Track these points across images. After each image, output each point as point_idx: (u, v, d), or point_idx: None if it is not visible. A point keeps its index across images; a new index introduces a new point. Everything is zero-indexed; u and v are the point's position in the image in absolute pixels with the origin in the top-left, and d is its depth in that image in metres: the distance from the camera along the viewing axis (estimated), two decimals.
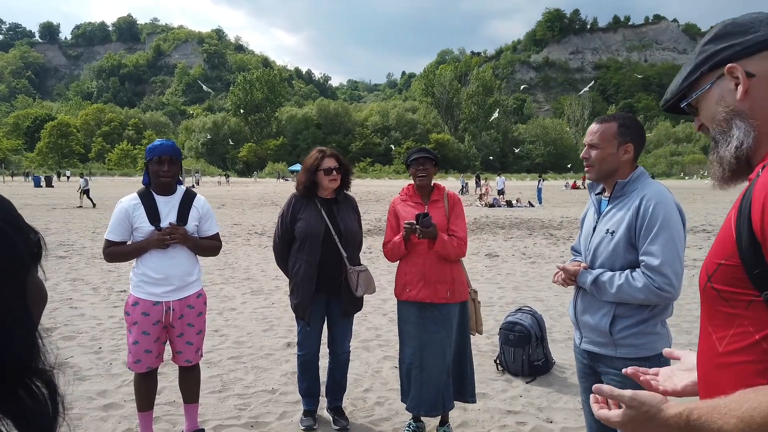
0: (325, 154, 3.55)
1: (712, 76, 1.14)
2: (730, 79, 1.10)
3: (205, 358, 4.84)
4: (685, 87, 1.20)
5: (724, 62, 1.10)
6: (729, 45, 1.10)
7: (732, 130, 1.10)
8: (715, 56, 1.12)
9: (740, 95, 1.08)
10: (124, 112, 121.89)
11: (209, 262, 9.79)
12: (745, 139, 1.08)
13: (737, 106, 1.09)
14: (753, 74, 1.07)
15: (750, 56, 1.08)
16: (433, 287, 3.30)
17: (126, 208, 3.14)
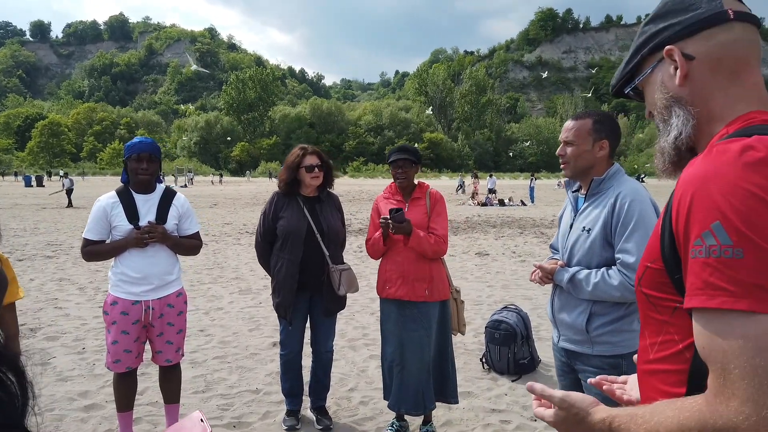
0: (306, 152, 3.53)
1: (653, 59, 1.05)
2: (670, 63, 1.00)
3: (189, 358, 4.82)
4: (628, 72, 1.11)
5: (663, 44, 1.01)
6: (668, 25, 1.01)
7: (671, 119, 1.02)
8: (654, 38, 1.03)
9: (678, 80, 0.99)
10: (116, 111, 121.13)
11: (198, 261, 9.76)
12: (684, 128, 1.00)
13: (676, 92, 1.01)
14: (692, 57, 0.98)
15: (690, 37, 0.98)
16: (411, 285, 3.28)
17: (104, 206, 3.11)
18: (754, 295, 0.75)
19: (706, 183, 0.83)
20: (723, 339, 0.77)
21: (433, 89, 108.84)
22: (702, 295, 0.80)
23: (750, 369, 0.74)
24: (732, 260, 0.77)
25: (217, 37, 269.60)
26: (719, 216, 0.79)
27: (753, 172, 0.79)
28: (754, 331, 0.74)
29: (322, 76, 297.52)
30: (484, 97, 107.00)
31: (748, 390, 0.74)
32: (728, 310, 0.77)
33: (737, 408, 0.74)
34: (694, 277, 0.82)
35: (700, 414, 0.78)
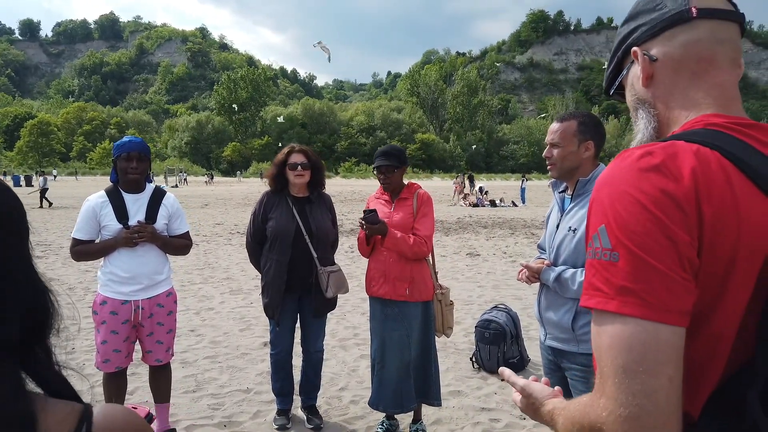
0: (293, 150, 3.55)
1: (627, 61, 1.05)
2: (638, 64, 1.00)
3: (180, 358, 4.82)
4: (611, 73, 1.11)
5: (632, 46, 1.01)
6: (638, 26, 1.00)
7: (638, 121, 1.02)
8: (626, 39, 1.03)
9: (642, 81, 0.99)
10: (107, 111, 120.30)
11: (189, 261, 9.73)
12: (645, 131, 1.00)
13: (641, 95, 1.01)
14: (655, 58, 0.97)
15: (654, 38, 0.97)
16: (392, 284, 3.30)
17: (93, 206, 3.10)
18: (622, 298, 0.77)
19: (603, 187, 0.85)
20: (598, 337, 0.80)
21: (425, 90, 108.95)
22: (585, 294, 0.84)
23: (613, 368, 0.77)
24: (609, 263, 0.80)
25: (208, 37, 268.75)
26: (605, 220, 0.82)
27: (644, 178, 0.80)
28: (620, 332, 0.77)
29: (314, 77, 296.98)
30: (476, 98, 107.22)
31: (611, 388, 0.76)
32: (602, 310, 0.80)
33: (604, 404, 0.77)
34: (585, 277, 0.86)
35: (583, 408, 0.83)
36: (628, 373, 0.75)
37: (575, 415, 0.84)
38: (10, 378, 0.63)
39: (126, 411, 0.73)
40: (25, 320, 0.67)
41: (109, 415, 0.70)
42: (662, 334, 0.75)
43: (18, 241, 0.70)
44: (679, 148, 0.82)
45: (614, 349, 0.77)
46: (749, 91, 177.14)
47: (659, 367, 0.74)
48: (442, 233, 14.78)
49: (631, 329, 0.76)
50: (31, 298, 0.70)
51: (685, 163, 0.80)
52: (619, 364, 0.76)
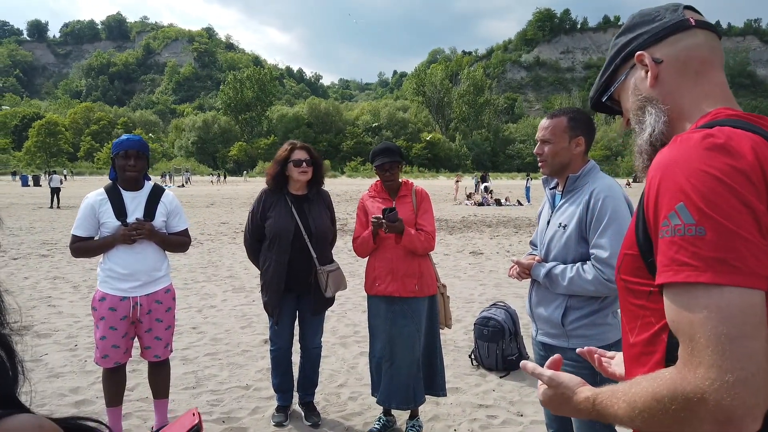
0: (295, 146, 3.56)
1: (625, 67, 1.16)
2: (641, 68, 1.11)
3: (181, 355, 4.86)
4: (604, 82, 1.21)
5: (634, 52, 1.12)
6: (638, 35, 1.12)
7: (645, 118, 1.10)
8: (625, 47, 1.14)
9: (650, 81, 1.09)
10: (114, 111, 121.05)
11: (193, 260, 9.79)
12: (656, 125, 1.08)
13: (648, 93, 1.10)
14: (661, 60, 1.08)
15: (657, 43, 1.09)
16: (401, 281, 3.32)
17: (92, 203, 3.14)
18: (715, 269, 0.80)
19: (670, 168, 0.90)
20: (689, 311, 0.82)
21: (431, 89, 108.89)
22: (669, 271, 0.85)
23: (714, 337, 0.79)
24: (695, 237, 0.83)
25: (214, 37, 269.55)
26: (683, 197, 0.85)
27: (712, 156, 0.86)
28: (717, 301, 0.80)
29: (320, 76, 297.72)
30: (482, 98, 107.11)
31: (712, 357, 0.79)
32: (693, 283, 0.82)
33: (704, 374, 0.79)
34: (662, 255, 0.88)
35: (671, 382, 0.83)
36: (731, 339, 0.78)
37: (659, 391, 0.84)
38: None
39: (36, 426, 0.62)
40: None
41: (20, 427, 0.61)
42: (756, 298, 0.80)
43: None
44: (731, 131, 0.90)
45: (713, 319, 0.79)
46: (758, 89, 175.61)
47: (757, 330, 0.79)
48: (446, 232, 14.79)
49: (729, 297, 0.79)
50: None
51: (743, 143, 0.87)
52: (721, 331, 0.78)
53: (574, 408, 1.04)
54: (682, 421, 0.82)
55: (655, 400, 0.85)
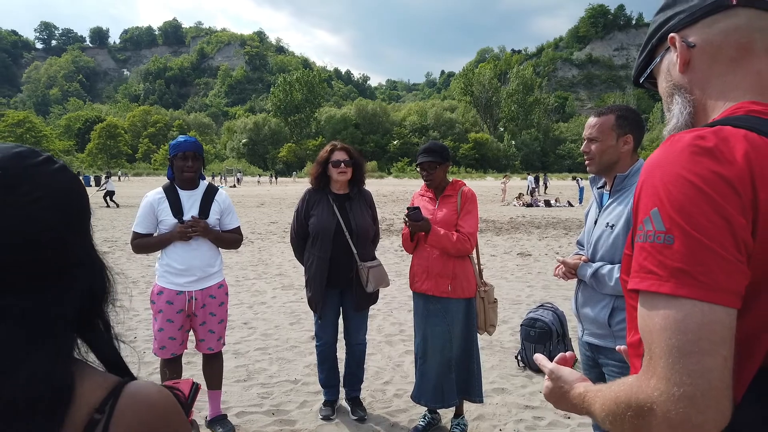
0: (335, 147, 3.66)
1: (661, 48, 1.06)
2: (674, 51, 1.02)
3: (232, 349, 5.03)
4: (642, 61, 1.12)
5: (668, 32, 1.03)
6: (675, 13, 1.02)
7: (672, 106, 1.03)
8: (662, 26, 1.05)
9: (679, 67, 1.01)
10: (169, 114, 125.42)
11: (244, 258, 10.08)
12: (680, 116, 1.01)
13: (678, 80, 1.02)
14: (693, 44, 0.98)
15: (692, 24, 0.99)
16: (434, 280, 3.34)
17: (151, 201, 3.31)
18: (678, 280, 0.78)
19: (654, 170, 0.86)
20: (650, 319, 0.81)
21: (479, 89, 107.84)
22: (636, 278, 0.84)
23: (666, 349, 0.77)
24: (663, 245, 0.80)
25: (265, 40, 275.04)
26: (658, 203, 0.83)
27: (696, 161, 0.81)
28: (675, 313, 0.77)
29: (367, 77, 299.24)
30: (532, 97, 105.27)
31: (663, 369, 0.77)
32: (655, 292, 0.80)
33: (655, 385, 0.78)
34: (635, 261, 0.86)
35: (630, 389, 0.83)
36: (683, 353, 0.76)
37: (620, 396, 0.85)
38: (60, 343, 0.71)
39: (158, 391, 0.77)
40: (85, 295, 0.75)
41: (137, 392, 0.74)
42: (718, 314, 0.76)
43: (79, 226, 0.77)
44: (729, 133, 0.84)
45: (668, 330, 0.77)
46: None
47: (715, 347, 0.75)
48: (493, 233, 14.66)
49: (687, 310, 0.77)
50: (94, 274, 0.78)
51: (737, 147, 0.81)
52: (674, 344, 0.77)
53: (570, 403, 1.03)
54: (637, 429, 0.81)
55: (616, 404, 0.85)
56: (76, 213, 0.77)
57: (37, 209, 0.70)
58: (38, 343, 0.68)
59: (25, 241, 0.69)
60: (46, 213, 0.71)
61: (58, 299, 0.72)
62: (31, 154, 0.74)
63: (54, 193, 0.73)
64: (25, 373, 0.65)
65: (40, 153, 0.76)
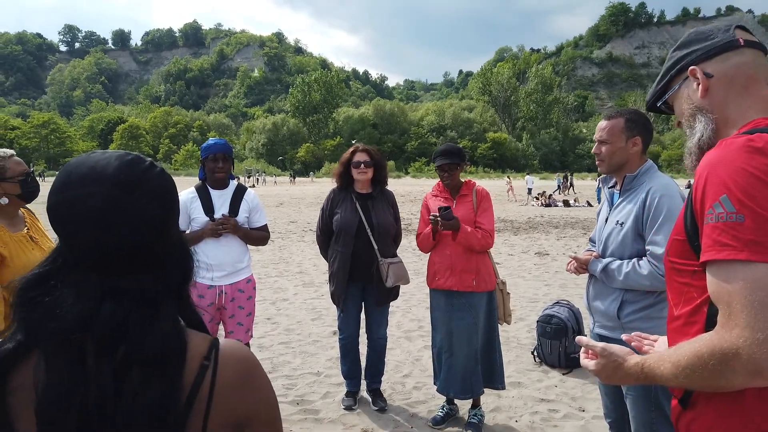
0: (357, 149, 3.84)
1: (679, 78, 1.32)
2: (693, 80, 1.27)
3: (257, 343, 5.22)
4: (659, 89, 1.39)
5: (688, 66, 1.28)
6: (692, 51, 1.28)
7: (695, 124, 1.27)
8: (681, 61, 1.31)
9: (701, 93, 1.25)
10: (190, 115, 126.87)
11: (265, 256, 10.30)
12: (705, 131, 1.25)
13: (699, 103, 1.26)
14: (711, 75, 1.24)
15: (709, 59, 1.25)
16: (459, 276, 3.49)
17: (184, 200, 3.50)
18: (751, 249, 0.98)
19: (716, 166, 1.08)
20: (728, 283, 1.00)
21: (497, 88, 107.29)
22: (712, 251, 1.04)
23: (748, 303, 0.96)
24: (735, 223, 1.01)
25: (284, 41, 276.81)
26: (726, 190, 1.03)
27: (752, 157, 1.04)
28: (752, 274, 0.97)
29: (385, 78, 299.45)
30: (551, 96, 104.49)
31: (746, 319, 0.96)
32: (732, 260, 1.00)
33: (739, 333, 0.97)
34: (707, 238, 1.06)
35: (710, 342, 1.02)
36: (764, 305, 0.95)
37: (700, 349, 1.03)
38: (173, 314, 0.89)
39: (245, 347, 0.95)
40: (182, 273, 0.93)
41: (233, 346, 0.93)
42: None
43: (176, 218, 0.96)
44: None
45: (748, 288, 0.97)
46: None
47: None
48: (510, 232, 14.72)
49: (762, 271, 0.97)
50: (185, 256, 0.95)
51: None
52: (756, 298, 0.96)
53: (624, 373, 1.22)
54: (719, 375, 1.01)
55: (697, 357, 1.04)
56: (173, 207, 0.94)
57: (150, 207, 0.87)
58: (155, 312, 0.85)
59: (143, 233, 0.86)
60: (156, 209, 0.88)
61: (166, 277, 0.89)
62: (140, 161, 0.91)
63: (159, 192, 0.90)
64: (157, 334, 0.83)
65: (145, 159, 0.93)
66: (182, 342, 0.87)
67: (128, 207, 0.85)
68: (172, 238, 0.92)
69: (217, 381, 0.86)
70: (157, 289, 0.87)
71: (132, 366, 0.81)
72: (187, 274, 0.95)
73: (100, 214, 0.83)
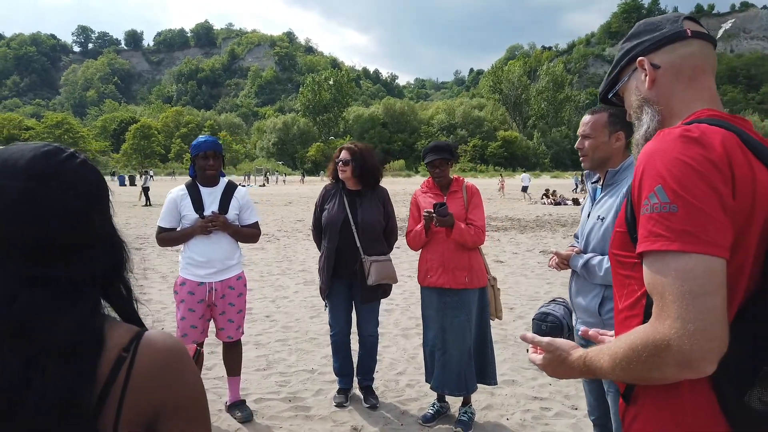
0: (343, 148, 3.85)
1: (629, 69, 1.31)
2: (641, 71, 1.25)
3: (254, 340, 5.24)
4: (610, 81, 1.37)
5: (636, 57, 1.27)
6: (641, 42, 1.27)
7: (642, 116, 1.27)
8: (630, 52, 1.29)
9: (648, 84, 1.24)
10: (201, 114, 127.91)
11: (269, 255, 10.34)
12: (651, 123, 1.24)
13: (646, 95, 1.25)
14: (658, 66, 1.23)
15: (657, 50, 1.23)
16: (452, 273, 3.48)
17: (175, 198, 3.52)
18: (683, 239, 0.98)
19: (652, 157, 1.07)
20: (661, 274, 1.00)
21: (508, 86, 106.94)
22: (647, 241, 1.03)
23: (679, 294, 0.96)
24: (669, 214, 1.00)
25: (295, 41, 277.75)
26: (660, 180, 1.03)
27: (687, 147, 1.03)
28: (684, 265, 0.97)
29: (395, 76, 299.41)
30: (562, 94, 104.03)
31: (678, 310, 0.96)
32: (665, 251, 0.99)
33: (670, 324, 0.97)
34: (642, 228, 1.05)
35: (644, 334, 1.02)
36: (695, 296, 0.95)
37: (635, 341, 1.03)
38: (90, 302, 0.88)
39: (171, 338, 0.93)
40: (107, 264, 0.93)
41: (156, 337, 0.92)
42: (716, 264, 0.97)
43: (100, 208, 0.95)
44: (705, 127, 1.07)
45: (680, 279, 0.97)
46: None
47: (717, 289, 0.96)
48: (517, 231, 14.66)
49: (695, 262, 0.97)
50: (113, 247, 0.95)
51: (715, 137, 1.04)
52: (687, 289, 0.96)
53: (569, 367, 1.21)
54: (652, 367, 1.00)
55: (631, 350, 1.03)
56: (96, 198, 0.94)
57: (66, 197, 0.87)
58: (72, 302, 0.86)
59: (58, 224, 0.86)
60: (74, 200, 0.88)
61: (84, 267, 0.89)
62: (57, 152, 0.91)
63: (78, 183, 0.90)
64: (66, 325, 0.83)
65: (65, 150, 0.92)
66: (98, 333, 0.87)
67: (44, 198, 0.85)
68: (95, 229, 0.92)
69: (133, 371, 0.86)
70: (77, 280, 0.87)
71: (45, 356, 0.81)
72: (116, 265, 0.95)
73: (17, 207, 0.84)
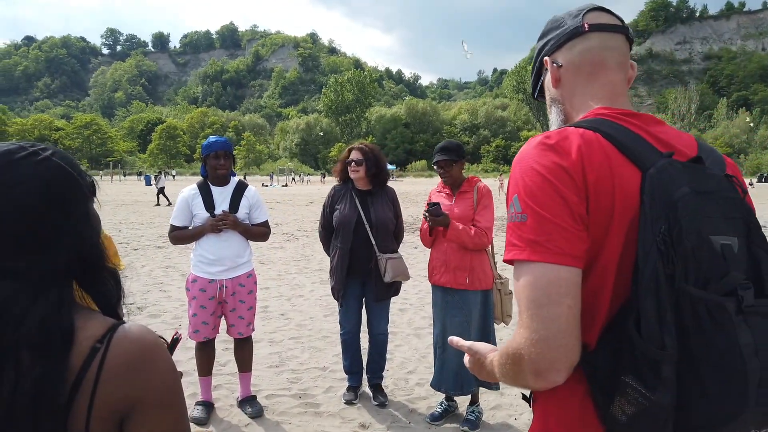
0: (353, 148, 3.86)
1: (542, 69, 1.28)
2: (548, 71, 1.24)
3: (267, 338, 5.32)
4: (533, 81, 1.35)
5: (543, 56, 1.26)
6: (548, 40, 1.25)
7: (552, 115, 1.26)
8: (540, 51, 1.28)
9: (552, 83, 1.23)
10: (225, 115, 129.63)
11: (287, 254, 10.44)
12: (556, 123, 1.24)
13: (553, 94, 1.25)
14: (560, 64, 1.20)
15: (559, 48, 1.20)
16: (453, 273, 3.49)
17: (186, 197, 3.60)
18: (532, 248, 0.98)
19: (515, 165, 1.08)
20: (517, 282, 1.01)
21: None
22: (506, 251, 1.05)
23: (527, 303, 0.97)
24: (521, 223, 1.01)
25: (318, 42, 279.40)
26: (516, 190, 1.05)
27: (542, 155, 1.03)
28: (531, 274, 0.97)
29: (418, 77, 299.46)
30: None
31: (527, 319, 0.96)
32: (519, 260, 1.00)
33: (521, 333, 0.97)
34: (507, 237, 1.07)
35: (508, 342, 1.03)
36: (538, 304, 0.95)
37: (502, 351, 1.06)
38: (55, 295, 0.89)
39: (147, 331, 0.94)
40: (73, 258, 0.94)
41: (130, 329, 0.93)
42: (562, 273, 0.96)
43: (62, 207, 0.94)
44: (569, 132, 1.06)
45: (527, 288, 0.97)
46: None
47: (560, 298, 0.95)
48: None
49: (539, 271, 0.96)
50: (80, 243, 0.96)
51: (573, 143, 1.03)
52: (531, 298, 0.96)
53: (486, 370, 1.21)
54: (515, 375, 1.02)
55: (502, 357, 1.06)
56: (56, 196, 0.93)
57: (18, 194, 0.88)
58: (40, 295, 0.87)
59: (10, 218, 0.87)
60: (26, 197, 0.89)
61: (48, 261, 0.90)
62: (18, 150, 0.92)
63: (33, 181, 0.90)
64: (36, 316, 0.85)
65: (27, 148, 0.94)
66: (67, 325, 0.88)
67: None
68: (58, 224, 0.92)
69: (106, 363, 0.87)
70: (41, 272, 0.88)
71: (14, 349, 0.82)
72: (86, 258, 0.96)
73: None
